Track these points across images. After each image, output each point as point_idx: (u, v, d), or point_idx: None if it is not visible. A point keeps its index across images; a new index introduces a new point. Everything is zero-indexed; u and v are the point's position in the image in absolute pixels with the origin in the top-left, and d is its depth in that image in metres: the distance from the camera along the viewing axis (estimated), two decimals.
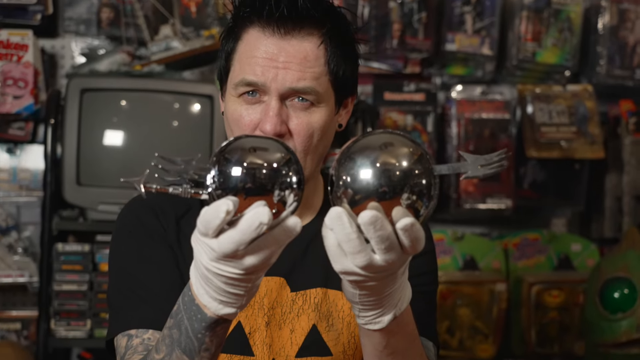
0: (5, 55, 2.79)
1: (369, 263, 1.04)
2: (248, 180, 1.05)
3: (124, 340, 1.40)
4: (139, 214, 1.49)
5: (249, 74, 1.37)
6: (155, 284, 1.42)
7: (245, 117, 1.39)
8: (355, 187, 1.05)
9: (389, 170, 1.04)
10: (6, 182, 2.89)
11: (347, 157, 1.06)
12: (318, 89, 1.38)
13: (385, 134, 1.07)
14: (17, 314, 2.90)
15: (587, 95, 3.09)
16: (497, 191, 3.01)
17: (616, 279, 2.70)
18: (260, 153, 1.06)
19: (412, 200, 1.04)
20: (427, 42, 3.03)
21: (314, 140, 1.40)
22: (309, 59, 1.38)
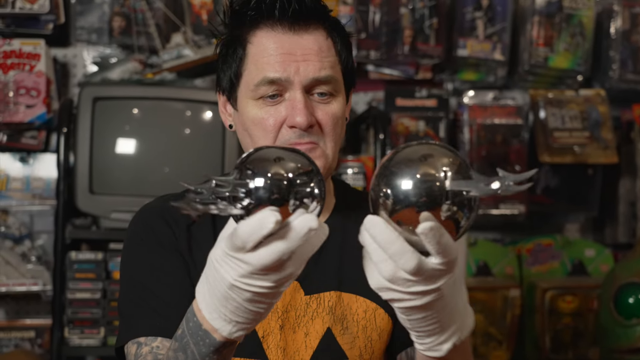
0: (18, 65, 2.80)
1: (419, 264, 1.02)
2: (279, 190, 1.04)
3: (134, 347, 1.40)
4: (150, 222, 1.50)
5: (269, 71, 1.38)
6: (166, 293, 1.43)
7: (269, 119, 1.39)
8: (396, 199, 1.04)
9: (429, 181, 1.03)
10: (19, 191, 2.90)
11: (387, 170, 1.06)
12: (337, 77, 1.43)
13: (424, 145, 1.07)
14: (31, 323, 2.91)
15: (600, 100, 3.08)
16: (509, 197, 3.00)
17: (631, 285, 2.69)
18: (285, 163, 1.06)
19: (452, 212, 1.03)
20: (438, 47, 3.03)
21: (339, 129, 1.44)
22: (324, 49, 1.41)
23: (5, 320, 2.93)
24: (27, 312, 2.95)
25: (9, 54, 2.80)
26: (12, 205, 2.87)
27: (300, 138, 1.39)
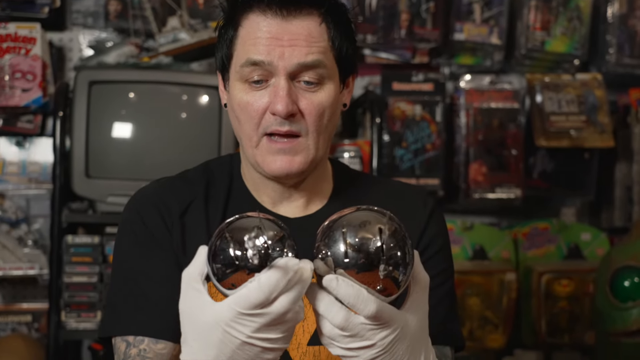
0: (14, 49, 2.79)
1: (345, 319, 1.10)
2: (263, 254, 1.10)
3: (123, 345, 1.41)
4: (143, 213, 1.48)
5: (253, 53, 1.36)
6: (154, 292, 1.42)
7: (253, 103, 1.38)
8: (335, 261, 1.12)
9: (366, 245, 1.10)
10: (16, 175, 2.90)
11: (329, 232, 1.14)
12: (326, 62, 1.39)
13: (362, 211, 1.14)
14: (28, 307, 2.91)
15: (597, 84, 3.08)
16: (506, 181, 3.00)
17: (626, 268, 2.69)
18: (263, 231, 1.11)
19: (388, 271, 1.10)
20: (435, 32, 3.02)
21: (325, 119, 1.41)
22: (314, 35, 1.38)
23: (1, 304, 2.93)
24: (23, 296, 2.95)
25: (4, 37, 2.79)
26: (9, 189, 2.87)
27: (280, 126, 1.37)
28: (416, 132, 3.01)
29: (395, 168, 2.97)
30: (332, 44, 1.41)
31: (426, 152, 3.01)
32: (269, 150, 1.39)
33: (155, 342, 1.40)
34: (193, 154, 2.51)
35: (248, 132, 1.41)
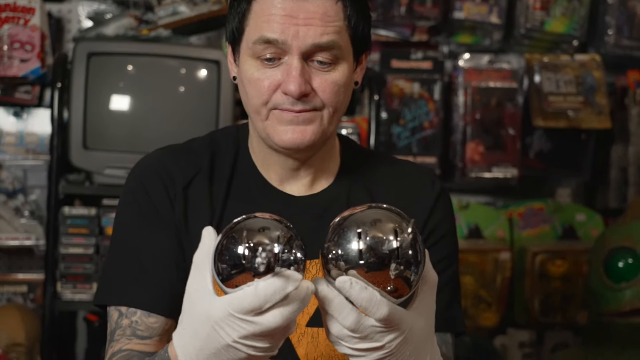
0: (12, 19, 2.77)
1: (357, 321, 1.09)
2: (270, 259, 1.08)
3: (115, 314, 1.41)
4: (146, 183, 1.47)
5: (267, 31, 1.33)
6: (151, 266, 1.41)
7: (265, 80, 1.35)
8: (346, 260, 1.10)
9: (378, 245, 1.09)
10: (13, 146, 2.90)
11: (340, 231, 1.12)
12: (341, 43, 1.35)
13: (373, 209, 1.13)
14: (24, 277, 2.91)
15: (595, 65, 3.07)
16: (502, 160, 3.00)
17: (620, 249, 2.69)
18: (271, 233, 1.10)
19: (400, 270, 1.09)
20: (435, 9, 3.00)
21: (340, 97, 1.39)
22: (330, 14, 1.34)
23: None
24: (19, 266, 2.95)
25: (3, 7, 2.78)
26: (6, 159, 2.87)
27: (293, 105, 1.35)
28: (414, 110, 3.00)
29: (392, 145, 2.96)
30: (348, 23, 1.37)
31: (423, 130, 3.00)
32: (280, 120, 1.36)
33: (148, 315, 1.40)
34: (191, 127, 2.50)
35: (256, 106, 1.38)
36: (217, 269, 1.11)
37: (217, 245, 1.12)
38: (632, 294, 2.64)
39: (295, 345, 1.45)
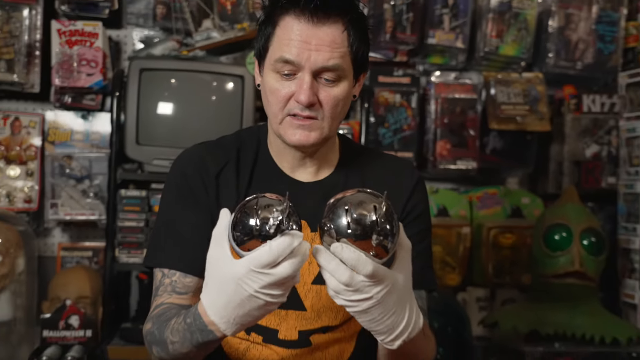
0: (81, 42, 2.77)
1: (350, 277, 1.12)
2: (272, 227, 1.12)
3: (159, 274, 1.43)
4: (185, 170, 1.48)
5: (286, 53, 1.34)
6: (187, 233, 1.43)
7: (282, 90, 1.37)
8: (338, 231, 1.14)
9: (361, 219, 1.13)
10: (81, 142, 2.90)
11: (333, 210, 1.16)
12: (343, 66, 1.37)
13: (360, 193, 1.17)
14: (89, 245, 2.92)
15: (538, 81, 3.07)
16: (465, 155, 3.00)
17: (557, 225, 2.70)
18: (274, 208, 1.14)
19: (379, 240, 1.13)
20: (413, 36, 3.00)
21: (339, 108, 1.40)
22: (336, 42, 1.35)
23: (69, 242, 2.94)
24: (86, 236, 2.96)
25: (73, 32, 2.77)
26: (75, 152, 2.86)
27: (302, 111, 1.37)
28: (396, 116, 3.00)
29: (378, 143, 2.97)
30: (351, 49, 1.37)
31: (403, 132, 3.00)
32: (291, 125, 1.39)
33: (184, 276, 1.41)
34: (220, 127, 2.49)
35: (275, 111, 1.40)
36: (233, 237, 1.14)
37: (232, 219, 1.15)
38: (565, 260, 2.65)
39: (303, 298, 1.46)
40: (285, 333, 1.45)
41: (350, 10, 1.37)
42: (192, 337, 1.22)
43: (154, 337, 1.33)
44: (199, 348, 1.24)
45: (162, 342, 1.30)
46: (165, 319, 1.33)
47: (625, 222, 2.91)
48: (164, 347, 1.30)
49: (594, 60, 3.11)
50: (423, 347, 1.33)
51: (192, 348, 1.24)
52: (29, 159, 2.83)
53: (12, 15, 2.78)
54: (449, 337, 2.50)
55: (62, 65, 2.75)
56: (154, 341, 1.33)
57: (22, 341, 2.65)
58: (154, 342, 1.33)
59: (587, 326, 2.62)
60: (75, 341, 2.48)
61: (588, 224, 2.70)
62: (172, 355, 1.30)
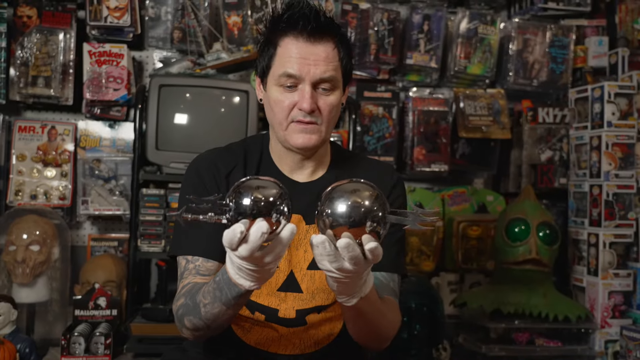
0: (108, 61, 2.75)
1: (341, 267, 1.10)
2: (254, 208, 1.06)
3: (183, 261, 1.42)
4: (200, 170, 1.48)
5: (289, 68, 1.36)
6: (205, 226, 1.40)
7: (286, 101, 1.38)
8: (334, 218, 1.08)
9: (356, 207, 1.07)
10: (108, 147, 2.88)
11: (330, 197, 1.09)
12: (337, 77, 1.40)
13: (355, 182, 1.11)
14: (115, 236, 2.90)
15: (500, 96, 3.06)
16: (438, 159, 2.99)
17: (516, 219, 2.70)
18: (262, 190, 1.07)
19: (373, 227, 1.07)
20: (393, 57, 2.99)
21: (333, 114, 1.42)
22: (330, 57, 1.37)
23: (97, 233, 2.92)
24: (112, 228, 2.94)
25: (102, 53, 2.75)
26: (103, 156, 2.85)
27: (304, 117, 1.38)
28: (379, 125, 2.99)
29: (364, 149, 2.96)
30: (341, 63, 1.40)
31: (385, 139, 2.99)
32: (295, 130, 1.39)
33: (207, 260, 1.39)
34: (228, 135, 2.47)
35: (280, 119, 1.40)
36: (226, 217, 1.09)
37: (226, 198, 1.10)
38: (523, 250, 2.65)
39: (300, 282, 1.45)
40: (285, 312, 1.44)
41: (338, 31, 1.40)
42: (222, 294, 1.21)
43: (188, 307, 1.31)
44: (228, 306, 1.22)
45: (195, 308, 1.28)
46: (196, 290, 1.31)
47: (574, 217, 2.91)
48: (196, 312, 1.28)
49: (547, 78, 3.11)
50: (379, 313, 1.32)
51: (222, 306, 1.22)
52: (64, 162, 2.81)
53: (49, 39, 2.76)
54: (424, 315, 2.49)
55: (93, 81, 2.73)
56: (187, 311, 1.31)
57: (57, 319, 2.63)
58: (187, 312, 1.31)
59: (542, 306, 2.61)
60: (102, 319, 2.46)
61: (543, 218, 2.69)
62: (205, 318, 1.27)
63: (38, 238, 2.53)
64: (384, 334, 1.37)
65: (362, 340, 1.38)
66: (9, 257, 2.52)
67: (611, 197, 2.73)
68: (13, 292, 2.52)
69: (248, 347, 1.47)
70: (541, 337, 2.63)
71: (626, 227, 2.73)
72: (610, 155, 2.75)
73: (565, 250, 2.90)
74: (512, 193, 3.12)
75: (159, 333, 2.37)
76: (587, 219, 2.81)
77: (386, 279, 1.42)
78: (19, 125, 2.79)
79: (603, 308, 2.68)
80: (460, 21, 3.04)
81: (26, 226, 2.55)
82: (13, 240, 2.52)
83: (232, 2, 2.85)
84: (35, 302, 2.57)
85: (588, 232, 2.78)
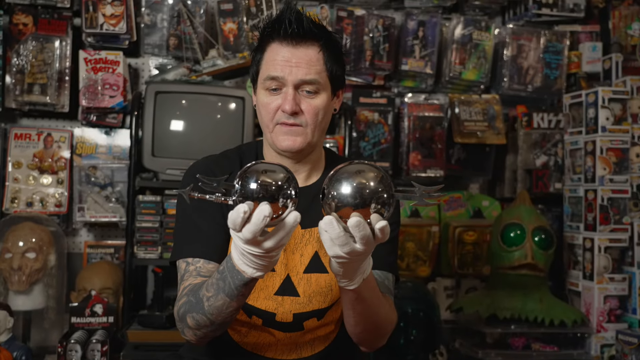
0: (104, 68, 2.76)
1: (352, 250, 1.10)
2: (260, 191, 1.06)
3: (183, 265, 1.41)
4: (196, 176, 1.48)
5: (272, 71, 1.39)
6: (205, 226, 1.42)
7: (271, 104, 1.41)
8: (340, 199, 1.06)
9: (362, 188, 1.05)
10: (105, 154, 2.88)
11: (335, 179, 1.08)
12: (320, 80, 1.40)
13: (359, 164, 1.09)
14: (111, 243, 2.90)
15: (495, 102, 3.08)
16: (433, 165, 3.01)
17: (512, 224, 2.71)
18: (270, 174, 1.06)
19: (377, 208, 1.06)
20: (388, 63, 3.01)
21: (319, 117, 1.42)
22: (313, 60, 1.39)
23: (94, 240, 2.92)
24: (108, 235, 2.94)
25: (98, 60, 2.76)
26: (100, 163, 2.85)
27: (287, 119, 1.39)
28: (374, 131, 3.01)
29: (360, 155, 2.97)
30: (326, 67, 1.41)
31: (381, 145, 3.01)
32: (280, 132, 1.41)
33: (207, 262, 1.40)
34: (224, 141, 2.51)
35: (267, 122, 1.42)
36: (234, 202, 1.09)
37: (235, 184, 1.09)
38: (519, 254, 2.66)
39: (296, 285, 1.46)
40: (282, 316, 1.45)
41: (324, 36, 1.41)
42: (225, 284, 1.20)
43: (190, 304, 1.30)
44: (231, 297, 1.22)
45: (198, 303, 1.28)
46: (198, 287, 1.31)
47: (570, 222, 2.93)
48: (199, 307, 1.28)
49: (542, 84, 3.14)
50: (378, 300, 1.33)
51: (225, 298, 1.22)
52: (60, 169, 2.82)
53: (45, 46, 2.77)
54: (421, 320, 2.50)
55: (89, 88, 2.74)
56: (189, 309, 1.31)
57: (53, 326, 2.63)
58: (190, 309, 1.30)
59: (538, 310, 2.63)
60: (99, 326, 2.47)
61: (538, 223, 2.71)
62: (208, 313, 1.26)
63: (34, 245, 2.54)
64: (382, 326, 1.38)
65: (360, 333, 1.38)
66: (5, 265, 2.52)
67: (606, 201, 2.75)
68: (9, 300, 2.52)
69: (245, 352, 1.48)
70: (537, 342, 2.64)
71: (621, 232, 2.75)
72: (604, 160, 2.77)
73: (560, 255, 2.91)
74: (508, 198, 3.14)
75: (156, 340, 2.37)
76: (582, 224, 2.83)
77: (381, 277, 1.44)
78: (15, 132, 2.80)
79: (599, 312, 2.70)
80: (455, 27, 3.07)
81: (22, 233, 2.55)
82: (9, 247, 2.53)
83: (227, 9, 2.87)
84: (32, 309, 2.57)
85: (583, 237, 2.80)
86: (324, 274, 1.46)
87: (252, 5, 2.86)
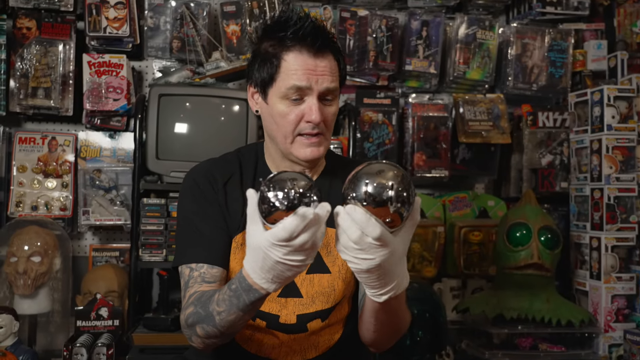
0: (108, 72, 2.77)
1: (360, 237, 1.08)
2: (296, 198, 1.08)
3: (187, 270, 1.41)
4: (197, 180, 1.49)
5: (296, 81, 1.38)
6: (207, 231, 1.42)
7: (292, 114, 1.40)
8: (359, 198, 1.08)
9: (381, 187, 1.07)
10: (109, 157, 2.89)
11: (354, 179, 1.10)
12: (337, 87, 1.44)
13: (379, 163, 1.10)
14: (117, 246, 2.91)
15: (500, 101, 3.08)
16: (438, 165, 3.00)
17: (517, 224, 2.70)
18: (295, 182, 1.09)
19: (397, 208, 1.07)
20: (392, 64, 3.01)
21: (333, 123, 1.46)
22: (333, 69, 1.42)
23: (99, 244, 2.93)
24: (113, 238, 2.95)
25: (102, 64, 2.77)
26: (104, 166, 2.86)
27: (313, 129, 1.40)
28: (378, 132, 3.00)
29: (364, 156, 2.97)
30: (340, 74, 1.45)
31: (385, 145, 3.00)
32: (303, 144, 1.42)
33: (211, 267, 1.40)
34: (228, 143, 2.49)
35: (286, 133, 1.42)
36: (260, 211, 1.10)
37: (259, 194, 1.11)
38: (525, 254, 2.65)
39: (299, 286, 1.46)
40: (286, 318, 1.45)
41: (335, 44, 1.44)
42: (239, 301, 1.21)
43: (199, 316, 1.30)
44: (245, 311, 1.23)
45: (209, 317, 1.28)
46: (206, 298, 1.31)
47: (576, 221, 2.92)
48: (210, 320, 1.28)
49: (547, 82, 3.13)
50: (403, 309, 1.33)
51: (239, 312, 1.23)
52: (64, 173, 2.83)
53: (49, 50, 2.78)
54: (427, 321, 2.49)
55: (92, 92, 2.75)
56: (198, 320, 1.31)
57: (59, 330, 2.64)
58: (198, 320, 1.31)
59: (545, 310, 2.62)
60: (104, 330, 2.47)
61: (544, 223, 2.70)
62: (219, 325, 1.27)
63: (39, 249, 2.55)
64: (400, 331, 1.39)
65: (377, 338, 1.38)
66: (10, 269, 2.53)
67: (612, 200, 2.74)
68: (15, 304, 2.53)
69: (249, 355, 1.48)
70: (545, 342, 2.63)
71: (628, 231, 2.74)
72: (610, 159, 2.76)
73: (567, 254, 2.90)
74: (513, 198, 3.13)
75: (161, 343, 2.38)
76: (588, 223, 2.82)
77: None
78: (19, 136, 2.81)
79: (606, 312, 2.68)
80: (459, 27, 3.06)
81: (27, 237, 2.56)
82: (14, 251, 2.54)
83: (230, 11, 2.87)
84: (37, 313, 2.58)
85: (590, 236, 2.79)
86: (326, 274, 1.46)
87: (254, 7, 2.86)
